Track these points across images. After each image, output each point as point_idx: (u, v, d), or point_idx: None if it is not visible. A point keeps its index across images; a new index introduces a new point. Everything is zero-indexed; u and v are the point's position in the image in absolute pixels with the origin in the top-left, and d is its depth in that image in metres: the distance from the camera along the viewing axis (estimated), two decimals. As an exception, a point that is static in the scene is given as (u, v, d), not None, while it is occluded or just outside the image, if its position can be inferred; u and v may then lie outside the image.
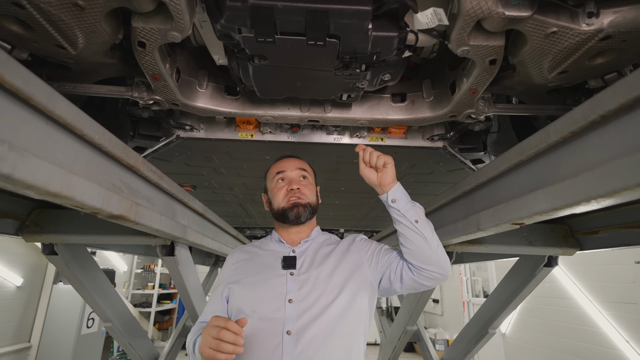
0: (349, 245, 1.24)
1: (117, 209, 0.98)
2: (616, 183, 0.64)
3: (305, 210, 1.20)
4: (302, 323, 1.01)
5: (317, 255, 1.18)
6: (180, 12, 0.83)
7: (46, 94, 0.68)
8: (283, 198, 1.21)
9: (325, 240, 1.28)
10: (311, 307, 1.03)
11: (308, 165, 1.32)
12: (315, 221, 1.30)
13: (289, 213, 1.19)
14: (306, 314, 1.02)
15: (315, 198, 1.27)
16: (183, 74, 1.27)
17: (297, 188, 1.21)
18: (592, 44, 0.87)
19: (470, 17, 0.82)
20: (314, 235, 1.27)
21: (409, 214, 1.06)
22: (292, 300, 1.04)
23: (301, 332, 0.99)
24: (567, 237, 1.62)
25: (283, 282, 1.09)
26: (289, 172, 1.25)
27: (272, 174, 1.28)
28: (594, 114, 0.69)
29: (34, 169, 0.65)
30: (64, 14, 0.81)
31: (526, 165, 0.97)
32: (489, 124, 1.54)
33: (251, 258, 1.23)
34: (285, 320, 1.01)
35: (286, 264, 1.13)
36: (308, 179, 1.27)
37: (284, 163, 1.28)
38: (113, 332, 2.08)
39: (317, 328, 1.00)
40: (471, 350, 2.24)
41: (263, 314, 1.04)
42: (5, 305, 4.45)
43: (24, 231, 1.53)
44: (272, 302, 1.05)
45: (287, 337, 0.99)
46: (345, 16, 0.86)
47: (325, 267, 1.13)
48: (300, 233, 1.25)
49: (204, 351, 0.88)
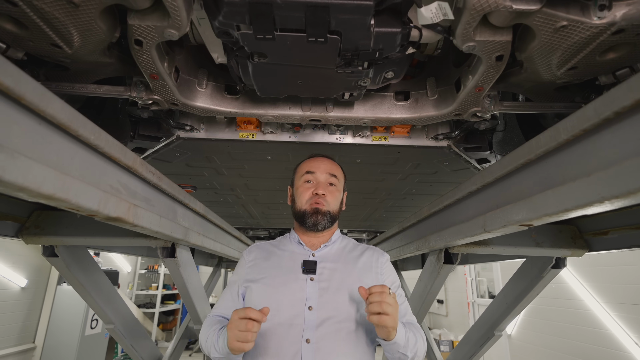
0: (372, 261, 1.20)
1: (115, 211, 0.96)
2: (632, 183, 0.61)
3: (324, 218, 1.17)
4: (322, 332, 0.99)
5: (339, 262, 1.16)
6: (176, 9, 0.81)
7: (38, 93, 0.66)
8: (306, 201, 1.18)
9: (346, 245, 1.25)
10: (332, 316, 1.02)
11: (340, 170, 1.28)
12: (336, 226, 1.27)
13: (307, 218, 1.16)
14: (326, 323, 1.01)
15: (338, 206, 1.24)
16: (182, 73, 1.25)
17: (322, 194, 1.17)
18: (603, 38, 0.84)
19: (476, 11, 0.80)
20: (334, 239, 1.24)
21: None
22: (312, 308, 1.03)
23: (321, 341, 0.98)
24: (575, 238, 1.58)
25: (303, 287, 1.07)
26: (318, 174, 1.20)
27: (302, 172, 1.23)
28: (607, 111, 0.66)
29: (25, 171, 0.63)
30: (58, 12, 0.80)
31: (535, 164, 0.93)
32: (495, 122, 1.51)
33: (269, 257, 1.20)
34: (305, 327, 1.00)
35: (307, 269, 1.11)
36: (336, 186, 1.22)
37: (316, 163, 1.23)
38: (115, 333, 2.07)
39: (338, 338, 0.99)
40: (477, 352, 2.21)
41: (282, 319, 1.02)
42: (9, 306, 4.47)
43: (24, 233, 1.52)
44: (291, 308, 1.03)
45: (306, 345, 0.97)
46: (346, 11, 0.83)
47: (346, 276, 1.11)
48: (319, 237, 1.22)
49: (234, 345, 0.91)
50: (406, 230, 2.16)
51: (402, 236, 2.27)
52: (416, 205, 2.79)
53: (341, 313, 1.03)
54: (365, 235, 4.52)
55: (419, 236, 1.85)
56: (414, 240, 1.94)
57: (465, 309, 6.64)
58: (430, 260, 1.81)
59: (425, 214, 1.71)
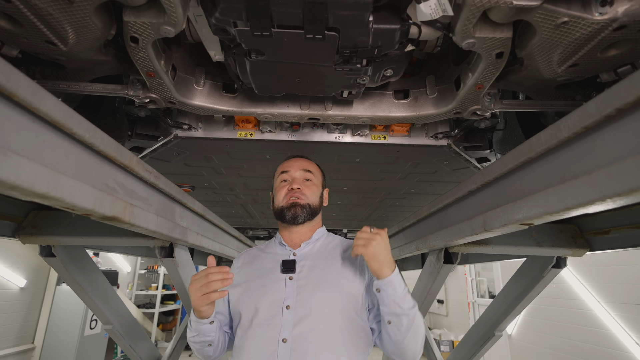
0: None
1: (111, 210, 0.95)
2: (634, 181, 0.60)
3: (304, 210, 1.17)
4: (298, 331, 0.97)
5: (320, 259, 1.14)
6: (172, 6, 0.80)
7: (31, 91, 0.65)
8: (283, 197, 1.20)
9: (330, 242, 1.23)
10: (308, 314, 1.00)
11: (316, 167, 1.29)
12: (318, 222, 1.27)
13: (286, 212, 1.17)
14: (303, 322, 0.99)
15: (317, 200, 1.23)
16: (179, 71, 1.24)
17: (297, 188, 1.19)
18: (605, 34, 0.82)
19: (476, 7, 0.79)
20: (317, 237, 1.22)
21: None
22: (290, 307, 1.01)
23: (297, 340, 0.96)
24: (576, 237, 1.56)
25: (282, 287, 1.06)
26: (292, 172, 1.23)
27: (278, 173, 1.27)
28: (609, 107, 0.65)
29: (17, 169, 0.62)
30: (52, 8, 0.79)
31: (535, 162, 0.92)
32: (495, 121, 1.50)
33: (253, 261, 1.21)
34: (282, 327, 0.98)
35: (285, 268, 1.10)
36: (312, 181, 1.23)
37: (290, 162, 1.26)
38: (113, 334, 2.06)
39: (315, 336, 0.97)
40: (477, 352, 2.19)
41: (260, 320, 1.01)
42: (8, 306, 4.46)
43: (21, 233, 1.51)
44: (269, 308, 1.02)
45: (282, 345, 0.96)
46: (344, 7, 0.82)
47: (326, 272, 1.09)
48: (301, 234, 1.21)
49: (197, 303, 0.93)
50: (406, 230, 2.15)
51: (401, 236, 2.26)
52: (416, 204, 2.78)
53: (319, 309, 1.01)
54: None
55: (419, 236, 1.84)
56: (414, 240, 1.93)
57: (466, 309, 6.63)
58: (430, 260, 1.80)
59: (424, 213, 1.70)
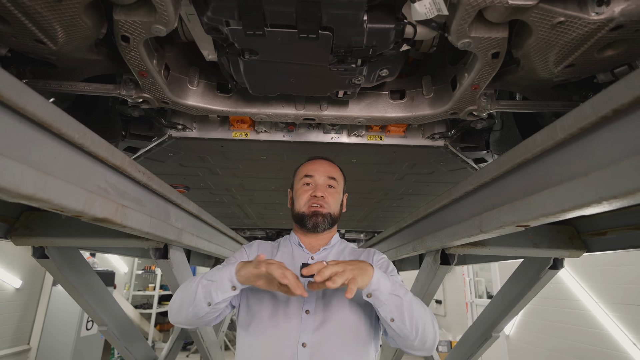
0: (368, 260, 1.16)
1: (102, 212, 0.94)
2: (631, 183, 0.59)
3: (325, 220, 1.15)
4: (318, 336, 0.98)
5: None
6: (163, 4, 0.79)
7: (17, 90, 0.63)
8: (305, 203, 1.17)
9: (344, 249, 1.24)
10: (328, 319, 1.01)
11: (339, 172, 1.27)
12: (335, 228, 1.26)
13: (307, 220, 1.15)
14: (323, 326, 0.99)
15: (338, 208, 1.22)
16: (173, 71, 1.22)
17: (321, 196, 1.16)
18: (602, 34, 0.82)
19: (471, 7, 0.78)
20: (334, 243, 1.23)
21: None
22: (310, 312, 1.02)
23: (317, 345, 0.97)
24: (573, 238, 1.56)
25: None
26: (317, 177, 1.19)
27: (301, 175, 1.22)
28: (605, 108, 0.64)
29: (2, 170, 0.61)
30: (40, 6, 0.77)
31: (532, 164, 0.91)
32: (492, 121, 1.49)
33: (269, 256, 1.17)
34: (301, 331, 0.98)
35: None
36: (335, 188, 1.21)
37: (315, 166, 1.22)
38: (108, 335, 2.04)
39: (334, 343, 0.98)
40: (474, 353, 2.19)
41: (278, 322, 1.01)
42: (4, 307, 4.43)
43: (13, 234, 1.50)
44: (287, 310, 1.02)
45: (302, 349, 0.96)
46: (338, 6, 0.81)
47: None
48: (319, 239, 1.21)
49: (246, 269, 0.89)
50: (403, 231, 2.14)
51: (398, 237, 2.25)
52: (413, 205, 2.77)
53: (338, 316, 1.02)
54: (362, 235, 4.50)
55: (416, 237, 1.83)
56: (411, 241, 1.92)
57: (464, 309, 6.63)
58: (427, 261, 1.79)
59: (421, 214, 1.69)
